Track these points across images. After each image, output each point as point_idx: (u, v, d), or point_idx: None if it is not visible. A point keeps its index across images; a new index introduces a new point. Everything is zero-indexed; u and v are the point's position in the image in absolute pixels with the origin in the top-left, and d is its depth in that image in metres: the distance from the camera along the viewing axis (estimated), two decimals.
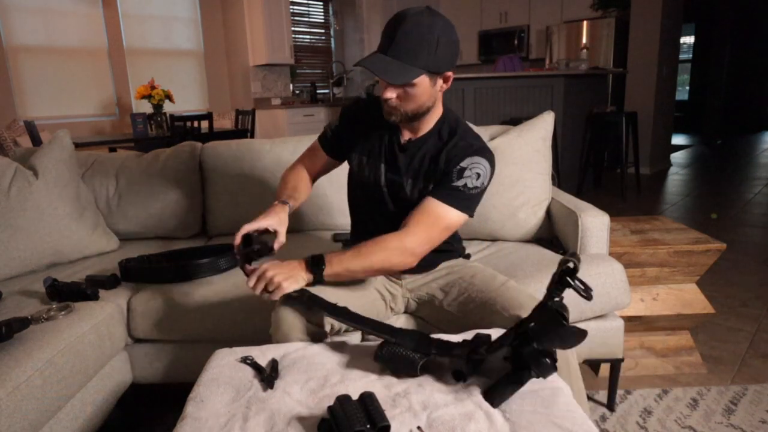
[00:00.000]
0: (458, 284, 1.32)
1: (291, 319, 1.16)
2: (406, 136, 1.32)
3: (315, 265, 1.16)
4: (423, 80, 1.15)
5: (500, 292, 1.23)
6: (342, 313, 1.10)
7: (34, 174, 1.76)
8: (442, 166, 1.26)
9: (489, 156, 1.26)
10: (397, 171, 1.31)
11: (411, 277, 1.40)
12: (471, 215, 1.25)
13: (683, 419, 1.57)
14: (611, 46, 5.64)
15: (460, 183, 1.21)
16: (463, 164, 1.22)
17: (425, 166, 1.29)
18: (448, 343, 0.98)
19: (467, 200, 1.22)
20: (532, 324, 0.87)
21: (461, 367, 0.91)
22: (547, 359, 0.84)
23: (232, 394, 0.95)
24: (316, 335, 1.19)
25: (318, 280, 1.16)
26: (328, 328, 1.19)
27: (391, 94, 1.18)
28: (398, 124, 1.27)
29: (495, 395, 0.87)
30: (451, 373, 0.94)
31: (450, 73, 1.21)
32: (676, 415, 1.59)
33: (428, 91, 1.19)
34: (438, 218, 1.21)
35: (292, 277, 1.12)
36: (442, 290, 1.34)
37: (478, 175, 1.22)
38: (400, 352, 0.95)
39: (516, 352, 0.87)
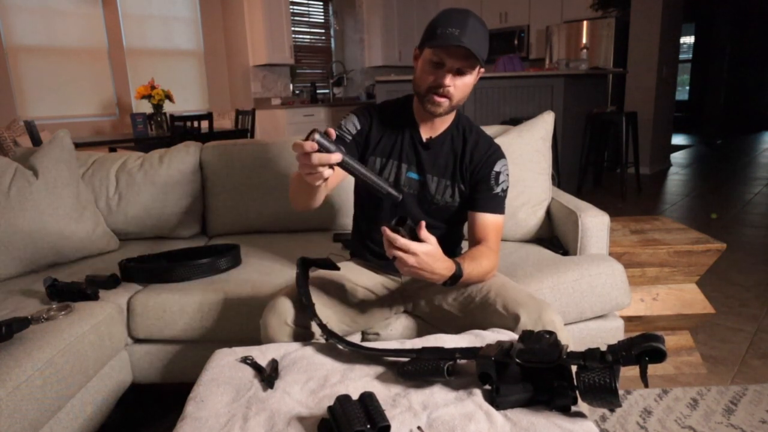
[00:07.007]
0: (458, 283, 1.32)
1: (275, 325, 1.20)
2: (426, 134, 1.34)
3: (457, 275, 1.14)
4: (476, 69, 1.22)
5: (500, 292, 1.23)
6: (361, 348, 1.08)
7: (34, 174, 1.76)
8: (470, 167, 1.33)
9: (502, 152, 1.37)
10: (421, 169, 1.34)
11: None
12: None
13: (683, 419, 1.57)
14: (611, 46, 5.64)
15: (499, 189, 1.33)
16: (496, 168, 1.33)
17: (451, 164, 1.34)
18: (470, 347, 0.96)
19: (505, 201, 1.35)
20: (584, 368, 0.83)
21: (489, 370, 0.89)
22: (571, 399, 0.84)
23: (232, 394, 0.95)
24: (303, 338, 1.19)
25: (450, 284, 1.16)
26: (315, 330, 1.19)
27: (450, 81, 1.20)
28: (439, 115, 1.27)
29: (503, 401, 0.86)
30: (477, 377, 0.91)
31: (482, 69, 1.26)
32: (676, 415, 1.59)
33: (474, 81, 1.25)
34: (500, 230, 1.33)
35: (433, 278, 1.09)
36: (441, 290, 1.34)
37: (508, 175, 1.36)
38: (425, 364, 0.93)
39: (544, 376, 0.86)
